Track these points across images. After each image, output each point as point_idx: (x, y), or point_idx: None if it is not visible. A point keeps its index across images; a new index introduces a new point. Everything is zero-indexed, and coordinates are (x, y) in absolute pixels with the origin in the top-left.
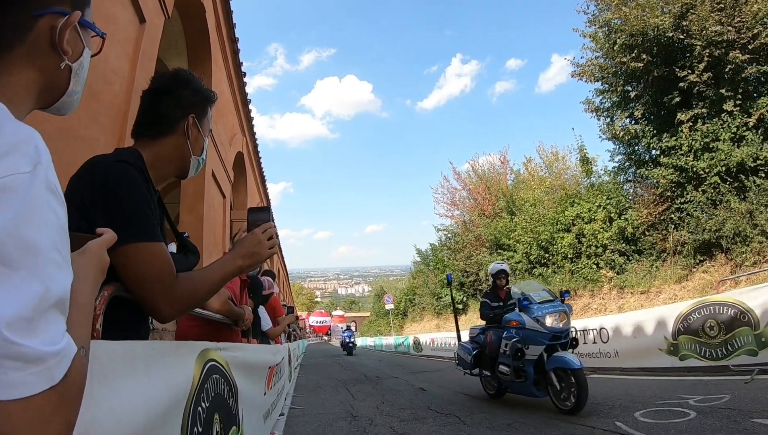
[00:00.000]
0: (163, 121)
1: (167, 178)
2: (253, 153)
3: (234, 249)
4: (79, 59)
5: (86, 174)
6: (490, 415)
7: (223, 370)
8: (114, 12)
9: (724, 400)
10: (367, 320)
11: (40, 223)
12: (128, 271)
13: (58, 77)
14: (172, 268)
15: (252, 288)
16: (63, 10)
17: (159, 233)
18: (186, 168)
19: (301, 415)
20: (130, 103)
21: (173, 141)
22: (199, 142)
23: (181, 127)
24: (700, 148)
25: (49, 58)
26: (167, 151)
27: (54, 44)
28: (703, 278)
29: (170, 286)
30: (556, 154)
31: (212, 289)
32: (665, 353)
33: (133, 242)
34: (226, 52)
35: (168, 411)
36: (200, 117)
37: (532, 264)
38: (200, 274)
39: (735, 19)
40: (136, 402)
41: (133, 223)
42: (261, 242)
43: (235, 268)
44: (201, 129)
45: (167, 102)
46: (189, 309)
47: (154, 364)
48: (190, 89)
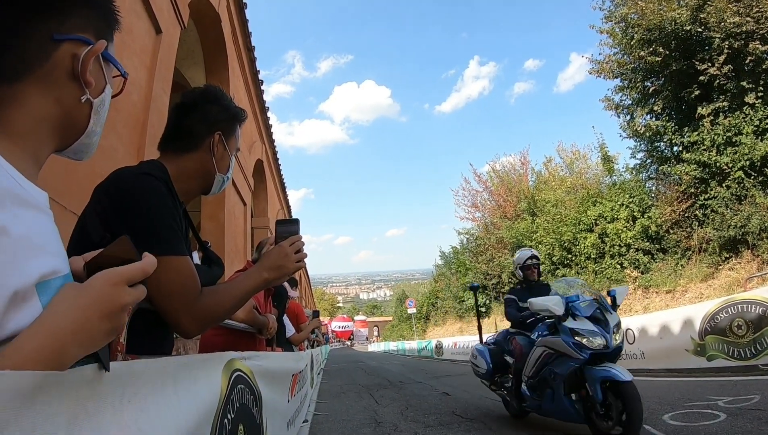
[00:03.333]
0: (188, 137)
1: (191, 193)
2: (272, 160)
3: (260, 262)
4: (100, 95)
5: (111, 186)
6: (518, 421)
7: (248, 379)
8: (130, 22)
9: (754, 401)
10: (389, 325)
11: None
12: (151, 285)
13: (78, 113)
14: (196, 282)
15: (276, 296)
16: (86, 38)
17: (184, 247)
18: (210, 185)
19: (324, 422)
20: (149, 113)
21: (198, 157)
22: (224, 160)
23: (206, 144)
24: (723, 143)
25: (68, 89)
26: (191, 167)
27: (75, 74)
28: (729, 276)
29: (194, 302)
30: (577, 153)
31: (237, 304)
32: (692, 354)
33: (158, 256)
34: (242, 61)
35: (197, 426)
36: (227, 135)
37: (555, 265)
38: (225, 289)
39: (753, 9)
40: (166, 420)
41: (157, 236)
42: (288, 256)
43: (261, 282)
44: (227, 147)
45: (194, 117)
46: (213, 324)
47: (183, 380)
48: (219, 106)
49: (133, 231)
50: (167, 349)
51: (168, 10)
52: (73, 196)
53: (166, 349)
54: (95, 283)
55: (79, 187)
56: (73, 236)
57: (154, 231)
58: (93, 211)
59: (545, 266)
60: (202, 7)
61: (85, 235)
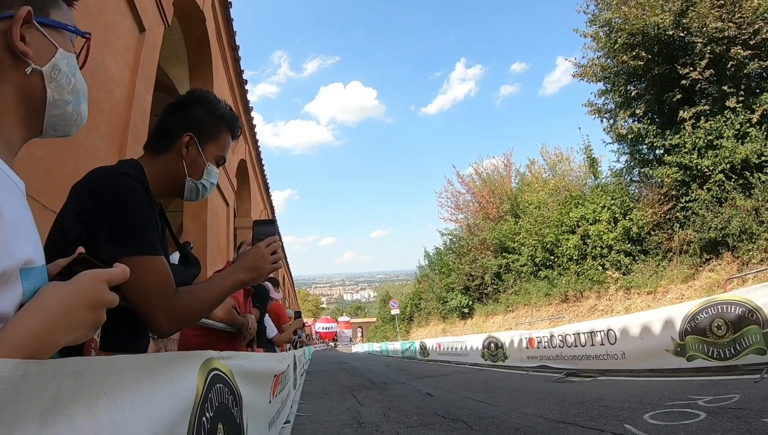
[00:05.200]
0: (165, 137)
1: (164, 196)
2: (256, 160)
3: (237, 262)
4: (50, 62)
5: (89, 185)
6: (498, 420)
7: (227, 379)
8: (113, 21)
9: (733, 400)
10: (373, 326)
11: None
12: (127, 285)
13: (29, 84)
14: (171, 282)
15: (257, 296)
16: (10, 13)
17: (159, 247)
18: (180, 189)
19: (307, 423)
20: (131, 111)
21: (168, 158)
22: (197, 165)
23: (177, 145)
24: (704, 146)
25: (7, 65)
26: (162, 169)
27: (11, 50)
28: (709, 277)
29: (169, 301)
30: (560, 155)
31: (213, 304)
32: (672, 354)
33: (133, 255)
34: (227, 60)
35: (173, 424)
36: (203, 138)
37: (537, 267)
38: (201, 288)
39: (735, 15)
40: (139, 415)
41: (133, 236)
42: (264, 256)
43: (237, 282)
44: (202, 151)
45: (174, 118)
46: (189, 324)
47: (158, 376)
48: (201, 108)
49: (110, 230)
50: (142, 348)
51: (152, 9)
52: (55, 195)
53: (142, 347)
54: (83, 277)
55: (61, 186)
56: (50, 235)
57: (130, 231)
58: (70, 209)
59: (528, 268)
60: (186, 5)
61: (62, 233)
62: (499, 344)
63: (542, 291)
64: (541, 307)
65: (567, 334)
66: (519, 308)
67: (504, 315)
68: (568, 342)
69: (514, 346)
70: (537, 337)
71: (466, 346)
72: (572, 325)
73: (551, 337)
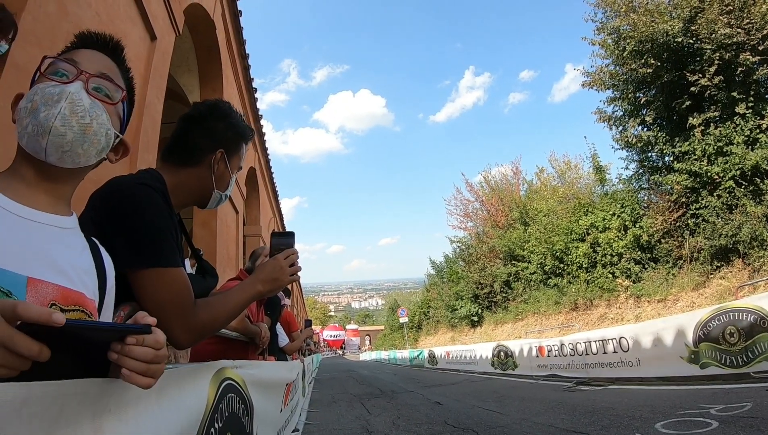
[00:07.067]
0: (191, 151)
1: (185, 206)
2: (265, 168)
3: (254, 274)
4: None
5: (108, 194)
6: (509, 430)
7: (239, 388)
8: (125, 29)
9: (746, 408)
10: (381, 334)
11: None
12: (146, 296)
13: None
14: (190, 294)
15: (269, 305)
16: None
17: (179, 259)
18: (206, 200)
19: (316, 431)
20: (142, 120)
21: (197, 172)
22: (224, 178)
23: (208, 160)
24: (714, 153)
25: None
26: (189, 181)
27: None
28: (720, 284)
29: (188, 314)
30: (569, 163)
31: (231, 316)
32: (686, 361)
33: (153, 267)
34: (236, 68)
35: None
36: (230, 153)
37: (547, 275)
38: (219, 301)
39: (744, 21)
40: (145, 431)
41: (153, 248)
42: (283, 268)
43: (255, 293)
44: (229, 165)
45: (198, 132)
46: (206, 336)
47: (166, 390)
48: (225, 124)
49: (127, 241)
50: None
51: (163, 17)
52: (72, 203)
53: None
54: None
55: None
56: None
57: (150, 242)
58: (88, 218)
59: (537, 276)
60: (197, 14)
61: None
62: (508, 353)
63: (552, 299)
64: (550, 315)
65: (578, 342)
66: (528, 316)
67: (513, 323)
68: (578, 350)
69: (523, 355)
70: (547, 345)
71: (476, 354)
72: (582, 334)
73: (561, 345)
